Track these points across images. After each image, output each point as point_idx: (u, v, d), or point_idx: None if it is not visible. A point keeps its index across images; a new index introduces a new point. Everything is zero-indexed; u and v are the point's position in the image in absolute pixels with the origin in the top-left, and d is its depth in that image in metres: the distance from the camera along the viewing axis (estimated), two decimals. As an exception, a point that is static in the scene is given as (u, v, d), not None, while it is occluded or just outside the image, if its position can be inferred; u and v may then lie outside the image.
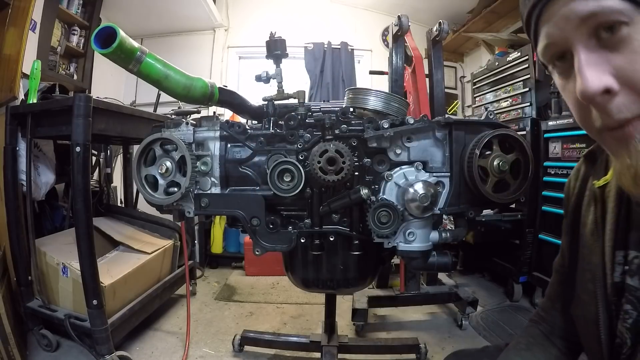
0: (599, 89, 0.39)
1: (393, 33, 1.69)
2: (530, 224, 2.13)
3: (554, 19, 0.41)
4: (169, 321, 2.00)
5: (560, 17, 0.40)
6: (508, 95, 2.57)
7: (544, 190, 2.07)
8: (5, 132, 1.56)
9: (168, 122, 0.89)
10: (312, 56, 3.54)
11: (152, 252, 1.87)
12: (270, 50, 0.97)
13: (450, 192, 0.85)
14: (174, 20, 3.33)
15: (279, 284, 2.61)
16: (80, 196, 1.37)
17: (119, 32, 0.69)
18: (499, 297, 2.35)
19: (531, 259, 2.14)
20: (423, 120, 0.84)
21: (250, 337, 1.68)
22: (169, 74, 0.79)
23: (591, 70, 0.40)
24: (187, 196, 0.87)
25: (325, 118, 0.85)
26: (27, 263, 1.59)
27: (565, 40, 0.41)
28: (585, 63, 0.40)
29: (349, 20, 3.71)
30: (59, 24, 2.43)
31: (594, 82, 0.39)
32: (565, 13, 0.40)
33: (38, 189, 1.79)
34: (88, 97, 1.37)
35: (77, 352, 1.60)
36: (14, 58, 1.82)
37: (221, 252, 3.03)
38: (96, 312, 1.40)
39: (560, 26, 0.41)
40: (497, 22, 3.03)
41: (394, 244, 0.85)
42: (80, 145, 1.35)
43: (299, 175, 0.82)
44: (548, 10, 0.41)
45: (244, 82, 3.67)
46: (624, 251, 0.51)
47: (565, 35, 0.41)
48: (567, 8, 0.39)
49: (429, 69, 1.81)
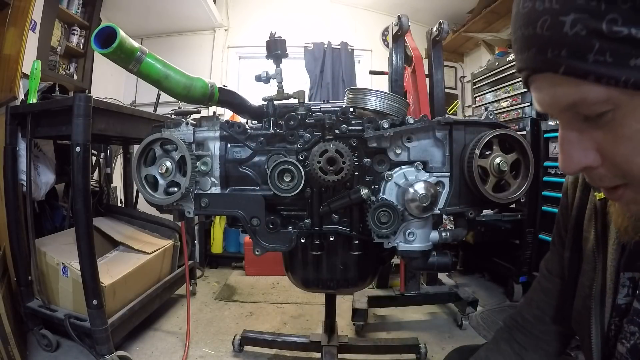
0: (575, 170, 0.40)
1: (393, 33, 1.69)
2: (530, 224, 2.13)
3: (539, 95, 0.40)
4: (169, 321, 2.00)
5: (545, 98, 0.39)
6: (508, 95, 2.57)
7: (544, 190, 2.07)
8: (5, 132, 1.56)
9: (168, 122, 0.89)
10: (312, 56, 3.54)
11: (152, 252, 1.87)
12: (270, 50, 0.96)
13: (450, 192, 0.85)
14: (174, 20, 3.33)
15: (279, 284, 2.61)
16: (80, 196, 1.37)
17: (119, 32, 0.69)
18: (499, 297, 2.35)
19: (531, 259, 2.14)
20: (423, 120, 0.84)
21: (250, 337, 1.68)
22: (169, 74, 0.79)
23: (571, 150, 0.40)
24: (187, 196, 0.87)
25: (325, 118, 0.85)
26: (27, 263, 1.59)
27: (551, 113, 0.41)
28: (565, 142, 0.40)
29: (349, 20, 3.71)
30: (59, 24, 2.43)
31: (571, 164, 0.40)
32: (547, 100, 0.39)
33: (38, 189, 1.79)
34: (88, 97, 1.37)
35: (77, 352, 1.60)
36: (14, 58, 1.82)
37: (221, 252, 3.03)
38: (96, 312, 1.40)
39: (544, 106, 0.40)
40: (497, 22, 3.02)
41: (394, 244, 0.85)
42: (80, 145, 1.35)
43: (299, 175, 0.81)
44: (534, 82, 0.39)
45: (244, 82, 3.68)
46: (631, 273, 0.49)
47: (550, 112, 0.40)
48: (550, 94, 0.38)
49: (429, 69, 1.82)
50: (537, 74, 0.38)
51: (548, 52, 0.35)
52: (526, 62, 0.38)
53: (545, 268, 0.70)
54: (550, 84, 0.37)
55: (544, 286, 0.69)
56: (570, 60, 0.33)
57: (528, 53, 0.37)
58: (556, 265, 0.67)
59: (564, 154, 0.40)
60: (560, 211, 0.67)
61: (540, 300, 0.68)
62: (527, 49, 0.37)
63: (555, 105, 0.38)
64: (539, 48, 0.35)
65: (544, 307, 0.68)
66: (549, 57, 0.35)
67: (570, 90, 0.35)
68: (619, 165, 0.37)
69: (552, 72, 0.35)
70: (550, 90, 0.37)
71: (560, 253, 0.66)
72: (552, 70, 0.35)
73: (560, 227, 0.67)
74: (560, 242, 0.66)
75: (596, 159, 0.39)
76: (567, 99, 0.36)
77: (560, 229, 0.67)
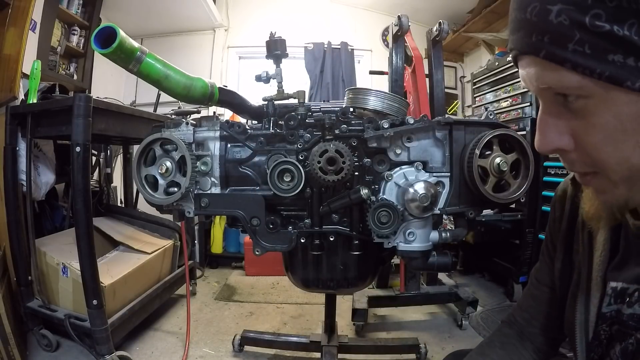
0: (548, 150, 0.42)
1: (393, 33, 1.69)
2: (530, 224, 2.13)
3: (522, 73, 0.42)
4: (169, 321, 2.00)
5: (526, 77, 0.41)
6: (508, 95, 2.57)
7: (544, 190, 2.07)
8: (5, 132, 1.56)
9: (168, 122, 0.89)
10: (312, 56, 3.54)
11: (152, 252, 1.87)
12: (270, 50, 0.96)
13: (450, 192, 0.85)
14: (174, 20, 3.33)
15: (279, 284, 2.61)
16: (80, 196, 1.37)
17: (119, 32, 0.69)
18: (499, 297, 2.35)
19: (531, 259, 2.14)
20: (423, 120, 0.84)
21: (250, 337, 1.68)
22: (169, 74, 0.79)
23: (546, 131, 0.42)
24: (187, 196, 0.87)
25: (325, 118, 0.85)
26: (27, 263, 1.59)
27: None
28: (542, 123, 0.42)
29: (349, 20, 3.71)
30: (59, 24, 2.43)
31: (545, 144, 0.42)
32: (529, 77, 0.41)
33: (38, 189, 1.79)
34: (88, 97, 1.37)
35: (77, 352, 1.60)
36: (14, 58, 1.82)
37: (221, 252, 3.03)
38: (96, 312, 1.40)
39: (526, 83, 0.42)
40: (497, 22, 3.02)
41: (394, 244, 0.85)
42: (80, 145, 1.35)
43: (299, 175, 0.81)
44: (521, 61, 0.42)
45: (244, 82, 3.68)
46: (617, 283, 0.50)
47: (532, 90, 0.43)
48: (531, 74, 0.40)
49: (429, 69, 1.82)
50: (523, 55, 0.40)
51: (533, 36, 0.37)
52: (514, 43, 0.41)
53: (535, 277, 0.72)
54: (533, 65, 0.39)
55: (532, 293, 0.71)
56: (551, 46, 0.36)
57: (517, 34, 0.40)
58: (545, 275, 0.69)
59: (541, 134, 0.42)
60: (549, 224, 0.68)
61: (529, 305, 0.71)
62: (517, 30, 0.40)
63: (535, 84, 0.41)
64: (526, 31, 0.38)
65: (532, 312, 0.70)
66: (533, 41, 0.37)
67: (548, 74, 0.38)
68: (589, 152, 0.40)
69: (534, 55, 0.38)
70: (531, 70, 0.40)
71: (549, 264, 0.67)
72: (534, 53, 0.38)
73: (548, 240, 0.68)
74: (548, 254, 0.68)
75: (570, 143, 0.41)
76: (545, 80, 0.39)
77: (548, 242, 0.68)
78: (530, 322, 0.69)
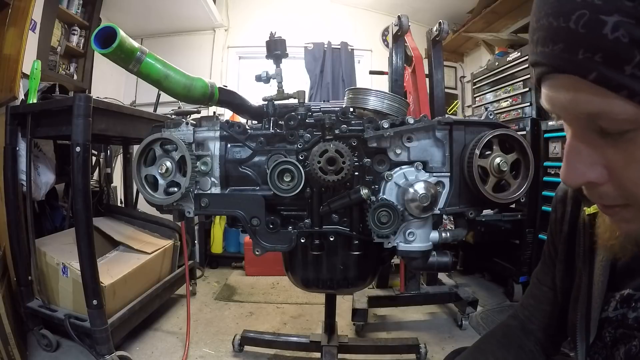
0: (576, 183, 0.37)
1: (393, 33, 1.69)
2: (530, 224, 2.13)
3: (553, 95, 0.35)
4: (169, 321, 2.00)
5: (558, 100, 0.34)
6: (508, 95, 2.57)
7: (544, 190, 2.07)
8: (5, 132, 1.56)
9: (168, 122, 0.89)
10: (312, 56, 3.54)
11: (152, 252, 1.87)
12: (270, 50, 0.96)
13: (450, 192, 0.85)
14: (174, 20, 3.33)
15: (279, 284, 2.61)
16: (80, 196, 1.37)
17: (119, 32, 0.69)
18: (499, 297, 2.35)
19: (531, 259, 2.14)
20: (423, 120, 0.84)
21: (250, 337, 1.68)
22: (169, 74, 0.79)
23: (577, 162, 0.36)
24: (187, 196, 0.87)
25: (325, 118, 0.85)
26: (27, 263, 1.59)
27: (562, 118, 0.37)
28: (572, 152, 0.36)
29: (349, 20, 3.70)
30: (59, 24, 2.43)
31: (574, 177, 0.36)
32: (563, 103, 0.34)
33: (38, 189, 1.79)
34: (88, 97, 1.37)
35: (77, 352, 1.60)
36: (14, 58, 1.82)
37: (221, 252, 3.03)
38: (96, 312, 1.40)
39: (557, 107, 0.35)
40: (497, 22, 3.02)
41: (394, 244, 0.85)
42: (80, 145, 1.35)
43: (299, 175, 0.81)
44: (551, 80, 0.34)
45: (244, 82, 3.68)
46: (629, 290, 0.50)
47: (562, 118, 0.37)
48: (569, 99, 0.33)
49: (429, 69, 1.82)
50: (558, 74, 0.33)
51: (579, 52, 0.30)
52: (547, 57, 0.33)
53: (536, 277, 0.72)
54: (573, 87, 0.32)
55: (533, 292, 0.72)
56: (604, 68, 0.29)
57: (553, 47, 0.32)
58: (546, 276, 0.69)
59: (569, 165, 0.36)
60: (550, 226, 0.68)
61: (529, 304, 0.72)
62: (552, 42, 0.32)
63: (572, 110, 0.34)
64: (568, 45, 0.30)
65: (532, 310, 0.71)
66: (580, 59, 0.30)
67: (594, 100, 0.31)
68: (625, 187, 0.34)
69: (579, 75, 0.31)
70: (570, 94, 0.33)
71: (550, 266, 0.67)
72: (580, 74, 0.30)
73: (550, 241, 0.68)
74: (550, 255, 0.68)
75: (602, 176, 0.35)
76: (589, 108, 0.32)
77: (549, 243, 0.68)
78: (531, 320, 0.70)
